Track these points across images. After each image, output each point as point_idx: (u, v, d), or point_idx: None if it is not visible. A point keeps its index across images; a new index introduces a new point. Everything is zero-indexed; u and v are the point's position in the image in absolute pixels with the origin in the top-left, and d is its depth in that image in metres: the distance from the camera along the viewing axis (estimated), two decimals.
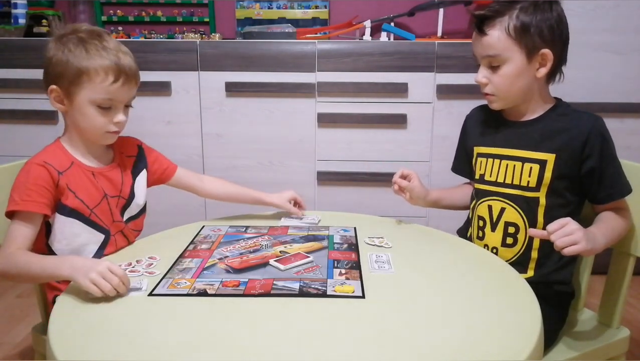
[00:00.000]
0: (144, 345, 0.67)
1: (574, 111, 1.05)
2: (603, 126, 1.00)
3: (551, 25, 0.98)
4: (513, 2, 0.99)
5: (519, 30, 0.97)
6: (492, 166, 1.08)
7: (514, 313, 0.76)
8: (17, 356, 1.62)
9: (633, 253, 1.04)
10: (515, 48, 0.99)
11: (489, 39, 1.00)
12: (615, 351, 1.05)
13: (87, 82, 0.98)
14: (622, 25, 2.02)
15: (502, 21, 0.98)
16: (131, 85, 1.03)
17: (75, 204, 1.00)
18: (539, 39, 0.98)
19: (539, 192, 1.01)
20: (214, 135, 2.17)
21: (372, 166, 2.15)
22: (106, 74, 0.98)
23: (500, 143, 1.08)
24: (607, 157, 0.99)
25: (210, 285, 0.85)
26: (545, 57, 1.00)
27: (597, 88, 2.07)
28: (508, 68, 1.00)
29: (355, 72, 2.08)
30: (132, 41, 2.18)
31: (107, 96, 1.00)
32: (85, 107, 1.00)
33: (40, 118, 2.08)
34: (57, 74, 0.99)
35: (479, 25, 1.01)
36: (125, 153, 1.15)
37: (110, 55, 0.99)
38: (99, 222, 1.04)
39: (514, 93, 1.03)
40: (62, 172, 1.00)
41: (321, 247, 1.03)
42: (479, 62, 1.05)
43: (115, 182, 1.08)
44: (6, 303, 1.96)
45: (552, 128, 1.03)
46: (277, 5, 2.55)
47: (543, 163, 1.01)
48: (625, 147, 2.10)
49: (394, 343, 0.67)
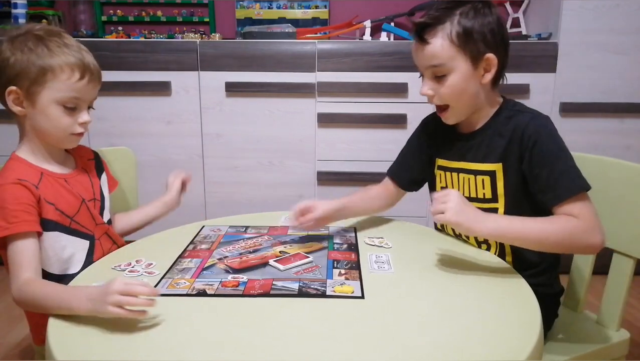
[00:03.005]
0: (144, 345, 0.67)
1: (517, 112, 0.99)
2: (542, 124, 0.95)
3: (492, 29, 0.95)
4: (452, 8, 0.95)
5: (462, 37, 0.93)
6: (451, 179, 1.07)
7: (514, 313, 0.76)
8: (17, 356, 1.62)
9: (633, 255, 1.04)
10: (460, 55, 0.94)
11: (431, 48, 0.95)
12: (615, 353, 1.04)
13: (52, 80, 0.94)
14: (622, 25, 2.02)
15: (444, 28, 0.94)
16: (95, 84, 1.00)
17: (55, 216, 0.96)
18: (483, 44, 0.94)
19: (497, 203, 1.00)
20: (214, 135, 2.17)
21: (372, 166, 2.15)
22: (72, 70, 0.95)
23: (454, 156, 1.06)
24: (542, 158, 0.92)
25: (210, 285, 0.85)
26: (490, 62, 0.96)
27: (597, 88, 2.07)
28: (454, 77, 0.95)
29: (355, 72, 2.08)
30: (132, 41, 2.18)
31: (72, 94, 0.96)
32: (49, 108, 0.95)
33: None
34: (15, 74, 0.93)
35: (420, 34, 0.96)
36: (85, 157, 1.12)
37: (74, 52, 0.95)
38: (81, 229, 1.01)
39: (465, 102, 0.98)
40: (37, 184, 0.95)
41: (321, 247, 1.03)
42: (422, 73, 1.01)
43: (87, 186, 1.07)
44: (6, 303, 1.96)
45: (496, 134, 0.99)
46: (277, 5, 2.55)
47: (492, 174, 0.99)
48: (625, 147, 2.12)
49: (394, 343, 0.67)
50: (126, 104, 2.12)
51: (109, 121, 2.11)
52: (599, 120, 2.09)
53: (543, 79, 2.06)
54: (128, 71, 2.09)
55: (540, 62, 2.05)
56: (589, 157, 1.12)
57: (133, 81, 2.09)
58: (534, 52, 2.05)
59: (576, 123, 2.08)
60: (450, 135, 1.08)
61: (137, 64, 2.10)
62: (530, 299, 0.80)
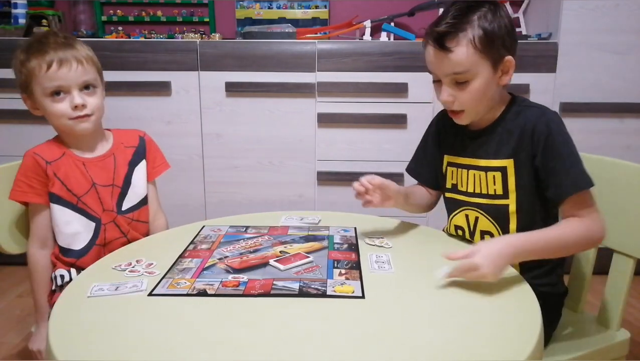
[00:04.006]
0: (144, 345, 0.67)
1: (526, 107, 1.00)
2: (551, 119, 0.95)
3: (509, 31, 0.95)
4: (467, 12, 0.93)
5: (484, 41, 0.92)
6: (461, 176, 1.07)
7: (514, 313, 0.76)
8: (17, 356, 1.62)
9: (633, 255, 1.04)
10: (483, 61, 0.93)
11: (455, 56, 0.93)
12: (615, 353, 1.04)
13: (33, 80, 1.05)
14: (622, 25, 2.02)
15: (466, 35, 0.92)
16: (70, 66, 1.06)
17: (62, 192, 1.08)
18: (503, 48, 0.94)
19: (508, 199, 0.99)
20: (214, 135, 2.17)
21: (372, 166, 2.15)
22: (40, 65, 1.04)
23: (465, 153, 1.06)
24: (553, 152, 0.93)
25: (210, 285, 0.85)
26: (509, 65, 0.96)
27: (597, 88, 2.07)
28: (477, 83, 0.94)
29: (355, 72, 2.08)
30: (132, 41, 2.19)
31: (51, 83, 1.04)
32: (42, 103, 1.06)
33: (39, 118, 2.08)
34: (19, 85, 1.08)
35: (441, 42, 0.93)
36: (125, 143, 1.19)
37: (46, 49, 1.04)
38: (87, 210, 1.10)
39: (483, 106, 0.99)
40: (51, 161, 1.07)
41: (321, 247, 1.03)
42: (439, 80, 0.99)
43: (108, 171, 1.13)
44: (6, 303, 1.96)
45: (506, 131, 0.99)
46: (277, 5, 2.55)
47: (504, 170, 0.99)
48: (625, 147, 2.12)
49: (394, 343, 0.67)
50: (126, 104, 2.12)
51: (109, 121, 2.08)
52: (599, 120, 2.09)
53: (543, 79, 2.06)
54: (128, 71, 2.09)
55: (540, 62, 2.05)
56: (589, 157, 1.12)
57: (133, 81, 2.09)
58: (534, 52, 2.05)
59: (576, 123, 2.07)
60: (461, 132, 1.08)
61: (137, 64, 2.10)
62: (530, 299, 0.80)
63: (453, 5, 0.96)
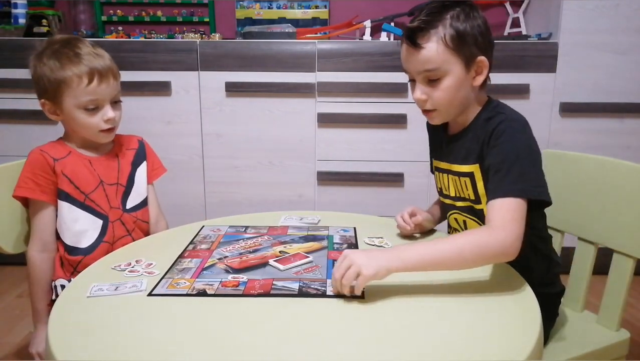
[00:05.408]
0: (144, 345, 0.67)
1: (497, 113, 0.97)
2: (509, 124, 0.92)
3: (482, 31, 0.95)
4: (441, 11, 0.93)
5: (455, 40, 0.92)
6: (444, 180, 1.07)
7: (514, 313, 0.76)
8: (17, 356, 1.62)
9: (633, 255, 1.03)
10: (454, 59, 0.93)
11: (426, 53, 0.93)
12: (615, 353, 1.04)
13: (67, 90, 1.05)
14: (622, 25, 2.02)
15: (437, 32, 0.92)
16: (109, 82, 1.08)
17: (70, 189, 1.08)
18: (475, 47, 0.94)
19: (481, 204, 0.99)
20: (214, 135, 2.17)
21: (372, 166, 2.15)
22: (80, 78, 1.04)
23: (443, 157, 1.06)
24: (495, 152, 0.91)
25: (210, 285, 0.85)
26: (482, 65, 0.95)
27: (597, 88, 2.07)
28: (449, 81, 0.94)
29: (355, 72, 2.08)
30: (132, 41, 2.18)
31: (89, 97, 1.05)
32: (73, 113, 1.06)
33: (40, 118, 2.08)
34: (41, 89, 1.07)
35: (412, 39, 0.93)
36: (126, 146, 1.21)
37: (81, 60, 1.05)
38: (95, 207, 1.10)
39: (455, 105, 0.98)
40: (58, 159, 1.08)
41: (321, 247, 1.03)
42: (413, 78, 0.99)
43: (113, 170, 1.14)
44: (6, 303, 1.96)
45: (476, 136, 0.98)
46: (277, 5, 2.55)
47: (472, 175, 0.99)
48: (625, 147, 2.12)
49: (394, 343, 0.67)
50: (126, 104, 2.09)
51: None
52: (599, 120, 2.09)
53: (543, 79, 2.06)
54: (128, 71, 2.08)
55: (540, 62, 2.05)
56: (589, 157, 1.12)
57: (133, 81, 2.09)
58: (534, 52, 2.05)
59: (576, 123, 2.08)
60: (440, 136, 1.09)
61: (137, 63, 2.10)
62: (530, 299, 0.80)
63: (428, 5, 0.96)
